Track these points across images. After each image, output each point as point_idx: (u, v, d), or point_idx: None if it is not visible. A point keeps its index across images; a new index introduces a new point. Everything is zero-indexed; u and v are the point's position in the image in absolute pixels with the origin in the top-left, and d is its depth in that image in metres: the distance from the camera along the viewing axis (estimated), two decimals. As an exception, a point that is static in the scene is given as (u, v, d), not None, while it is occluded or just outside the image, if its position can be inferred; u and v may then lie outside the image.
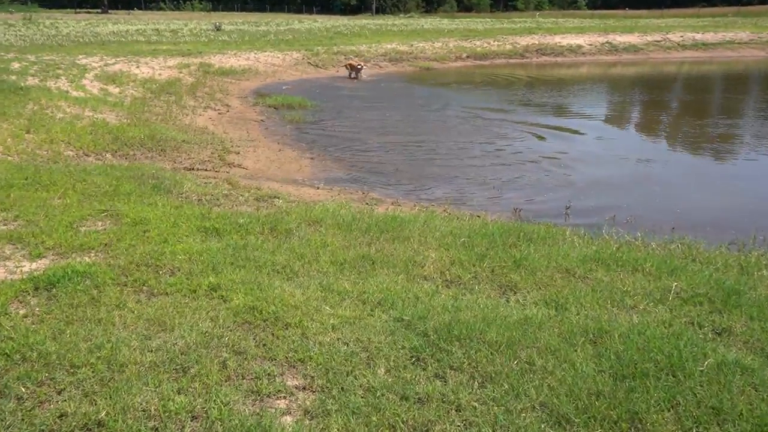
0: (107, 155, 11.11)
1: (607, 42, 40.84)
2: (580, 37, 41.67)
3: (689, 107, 22.21)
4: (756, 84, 29.35)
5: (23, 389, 3.53)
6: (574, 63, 35.99)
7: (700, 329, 4.56)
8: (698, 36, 43.30)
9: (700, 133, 16.54)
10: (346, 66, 26.95)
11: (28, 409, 3.38)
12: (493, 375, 3.81)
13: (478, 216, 8.14)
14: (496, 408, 3.49)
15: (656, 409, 3.49)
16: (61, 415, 3.33)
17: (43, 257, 5.57)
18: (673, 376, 3.81)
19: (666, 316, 4.73)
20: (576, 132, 16.39)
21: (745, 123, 18.83)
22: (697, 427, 3.38)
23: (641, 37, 42.64)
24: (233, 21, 58.93)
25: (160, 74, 21.95)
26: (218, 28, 44.01)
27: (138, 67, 22.62)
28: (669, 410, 3.51)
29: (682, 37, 42.90)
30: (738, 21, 55.91)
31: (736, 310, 4.85)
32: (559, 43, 39.90)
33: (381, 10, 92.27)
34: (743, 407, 3.52)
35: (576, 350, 4.11)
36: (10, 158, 9.65)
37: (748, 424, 3.39)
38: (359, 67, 26.18)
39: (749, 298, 5.10)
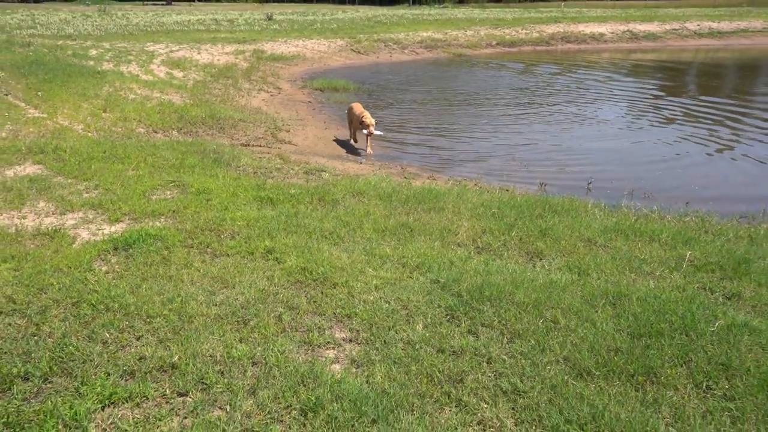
0: (173, 132, 11.26)
1: (627, 30, 39.65)
2: (602, 26, 40.52)
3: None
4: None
5: (107, 335, 3.66)
6: (597, 50, 34.99)
7: (712, 294, 4.50)
8: (714, 25, 41.74)
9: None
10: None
11: (113, 352, 3.51)
12: (521, 332, 3.82)
13: (507, 189, 8.08)
14: (523, 361, 3.51)
15: (670, 364, 3.48)
16: (141, 358, 3.45)
17: (120, 221, 5.71)
18: (686, 336, 3.78)
19: (680, 281, 4.67)
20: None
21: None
22: (707, 381, 3.36)
23: (660, 25, 41.28)
24: (283, 11, 58.73)
25: (218, 60, 22.05)
26: (270, 18, 43.93)
27: (199, 53, 22.75)
28: (682, 366, 3.48)
29: (698, 25, 41.42)
30: (752, 11, 53.69)
31: (746, 278, 4.77)
32: (583, 31, 38.87)
33: (418, 1, 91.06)
34: (750, 364, 3.49)
35: (597, 311, 4.09)
36: (90, 134, 9.84)
37: (754, 379, 3.36)
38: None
39: (758, 266, 5.00)
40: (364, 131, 10.91)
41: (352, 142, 11.85)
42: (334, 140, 11.82)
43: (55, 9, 56.93)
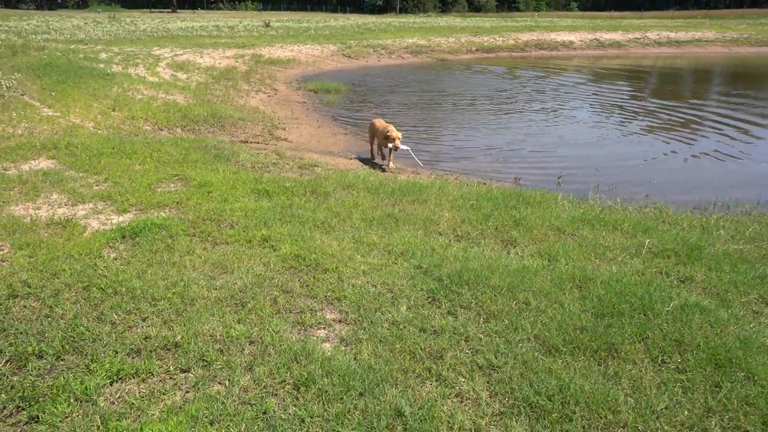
0: (177, 129, 11.15)
1: (594, 39, 39.81)
2: (572, 35, 40.65)
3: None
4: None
5: (116, 316, 3.63)
6: (567, 56, 35.09)
7: (668, 277, 4.54)
8: (672, 34, 42.05)
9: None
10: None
11: (120, 332, 3.48)
12: (496, 312, 3.83)
13: (484, 183, 8.09)
14: (498, 339, 3.52)
15: (630, 341, 3.51)
16: (146, 338, 3.42)
17: (128, 212, 5.66)
18: (644, 315, 3.81)
19: (639, 266, 4.71)
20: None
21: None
22: (662, 355, 3.40)
23: (624, 35, 41.51)
24: (280, 18, 58.30)
25: (219, 63, 21.85)
26: (267, 25, 43.60)
27: (201, 57, 22.53)
28: (640, 342, 3.52)
29: (658, 35, 41.71)
30: (706, 22, 54.22)
31: (698, 263, 4.82)
32: (555, 39, 38.97)
33: (404, 10, 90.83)
34: (701, 340, 3.54)
35: (564, 293, 4.11)
36: (100, 131, 9.73)
37: (704, 354, 3.40)
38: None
39: (708, 252, 5.06)
40: (389, 145, 9.25)
41: (377, 160, 9.97)
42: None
43: (68, 16, 56.17)
